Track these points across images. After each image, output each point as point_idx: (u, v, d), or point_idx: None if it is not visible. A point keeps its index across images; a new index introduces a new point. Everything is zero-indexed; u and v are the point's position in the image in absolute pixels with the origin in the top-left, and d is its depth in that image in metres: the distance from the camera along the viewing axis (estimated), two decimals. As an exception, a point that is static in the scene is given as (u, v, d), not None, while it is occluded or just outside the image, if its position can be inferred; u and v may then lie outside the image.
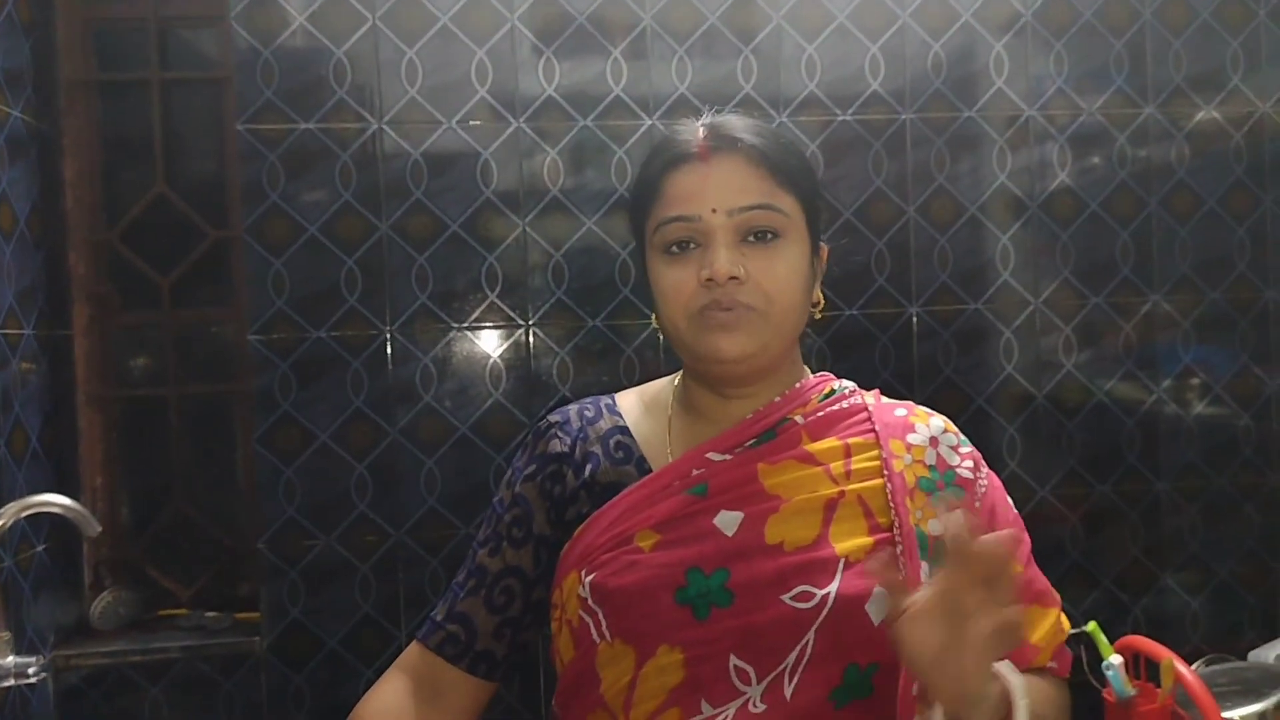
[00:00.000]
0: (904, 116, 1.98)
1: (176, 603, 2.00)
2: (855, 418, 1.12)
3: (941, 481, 1.08)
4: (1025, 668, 1.06)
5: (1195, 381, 2.09)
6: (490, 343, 1.90)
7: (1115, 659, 1.65)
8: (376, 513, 1.86)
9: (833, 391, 1.16)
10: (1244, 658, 1.93)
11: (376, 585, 1.86)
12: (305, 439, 1.85)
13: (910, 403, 1.18)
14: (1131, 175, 2.04)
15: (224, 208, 2.01)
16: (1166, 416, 2.07)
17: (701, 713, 0.98)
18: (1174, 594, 2.07)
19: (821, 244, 1.14)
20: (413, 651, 1.18)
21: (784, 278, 1.04)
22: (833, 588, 0.99)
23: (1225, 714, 1.56)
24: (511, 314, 1.90)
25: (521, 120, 1.89)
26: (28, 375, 1.79)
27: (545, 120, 1.89)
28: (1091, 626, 1.72)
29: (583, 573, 1.05)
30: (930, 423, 1.14)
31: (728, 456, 1.08)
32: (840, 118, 1.96)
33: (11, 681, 1.51)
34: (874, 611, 0.99)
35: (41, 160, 1.88)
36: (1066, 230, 2.03)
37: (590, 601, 1.04)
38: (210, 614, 1.94)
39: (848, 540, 1.02)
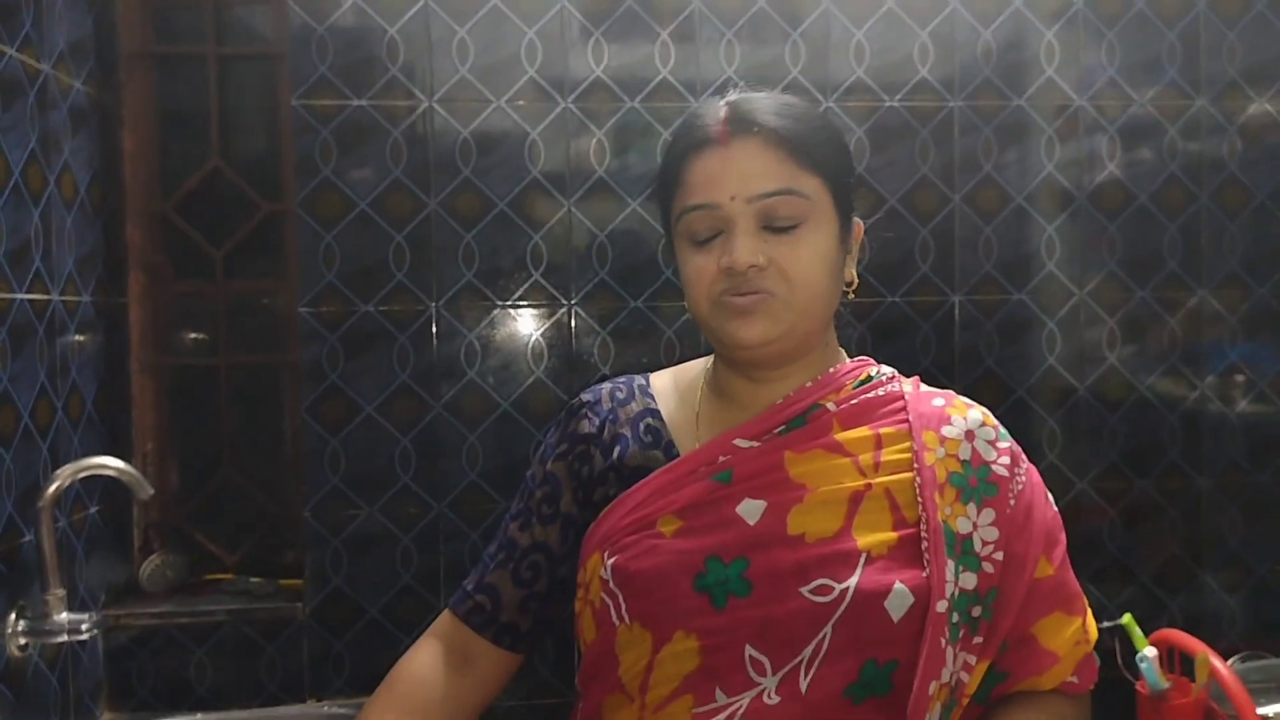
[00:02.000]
0: (952, 104, 1.97)
1: (222, 567, 2.05)
2: (890, 406, 1.09)
3: (975, 478, 1.05)
4: (1041, 676, 1.04)
5: (1240, 379, 2.07)
6: (533, 321, 1.92)
7: (1150, 651, 1.65)
8: (419, 485, 1.90)
9: (869, 378, 1.13)
10: (1281, 656, 1.92)
11: (417, 556, 1.89)
12: (351, 410, 1.88)
13: (950, 393, 1.14)
14: (1182, 168, 2.02)
15: (276, 182, 2.05)
16: (1210, 413, 2.05)
17: (715, 701, 0.97)
18: (1212, 591, 2.06)
19: (856, 221, 1.12)
20: (444, 618, 1.20)
21: (807, 262, 1.03)
22: (852, 582, 0.97)
23: (1260, 710, 1.55)
24: (555, 293, 1.92)
25: (569, 101, 1.91)
26: (85, 342, 1.83)
27: (593, 101, 1.91)
28: (1126, 619, 1.72)
29: (605, 554, 1.05)
30: (968, 415, 1.10)
31: (755, 443, 1.07)
32: (888, 104, 1.96)
33: (65, 637, 1.57)
34: (893, 608, 0.97)
35: (101, 131, 1.92)
36: (1114, 222, 2.01)
37: (611, 584, 1.04)
38: (254, 579, 1.99)
39: (871, 534, 1.00)
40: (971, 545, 1.01)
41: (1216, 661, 1.58)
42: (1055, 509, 1.11)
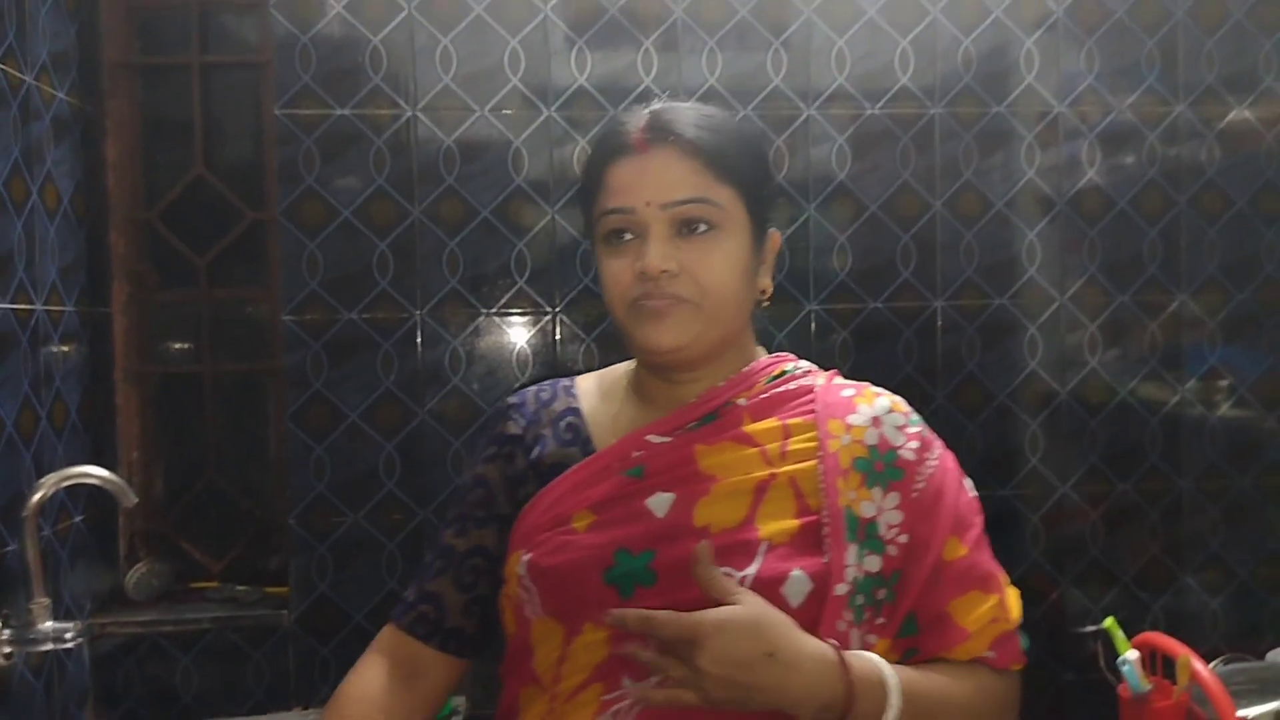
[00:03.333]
0: (933, 111, 1.99)
1: (208, 575, 2.05)
2: (801, 399, 1.11)
3: (881, 463, 1.06)
4: (951, 650, 1.05)
5: (1221, 382, 2.08)
6: (518, 328, 1.93)
7: (1131, 654, 1.66)
8: (404, 491, 1.90)
9: (784, 373, 1.15)
10: (1262, 658, 1.94)
11: (403, 562, 1.90)
12: (336, 418, 1.89)
13: (865, 384, 1.15)
14: (1161, 174, 2.04)
15: (260, 190, 2.06)
16: (1190, 417, 2.07)
17: (623, 688, 0.99)
18: (1193, 593, 2.07)
19: (773, 231, 1.14)
20: (386, 633, 1.19)
21: (719, 270, 1.05)
22: (751, 570, 0.99)
23: (1240, 712, 1.56)
24: (539, 300, 1.93)
25: (553, 109, 1.91)
26: (69, 351, 1.84)
27: (576, 110, 1.92)
28: (1109, 622, 1.73)
29: (523, 551, 1.08)
30: (876, 402, 1.11)
31: (668, 439, 1.09)
32: (869, 111, 1.97)
33: (50, 646, 1.57)
34: (791, 594, 0.99)
35: (85, 141, 1.92)
36: (1094, 227, 2.03)
37: (526, 579, 1.06)
38: (240, 587, 1.99)
39: (773, 523, 1.02)
40: (876, 529, 1.03)
41: (1198, 664, 1.59)
42: (972, 494, 1.11)
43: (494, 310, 1.92)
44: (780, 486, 1.04)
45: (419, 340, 1.90)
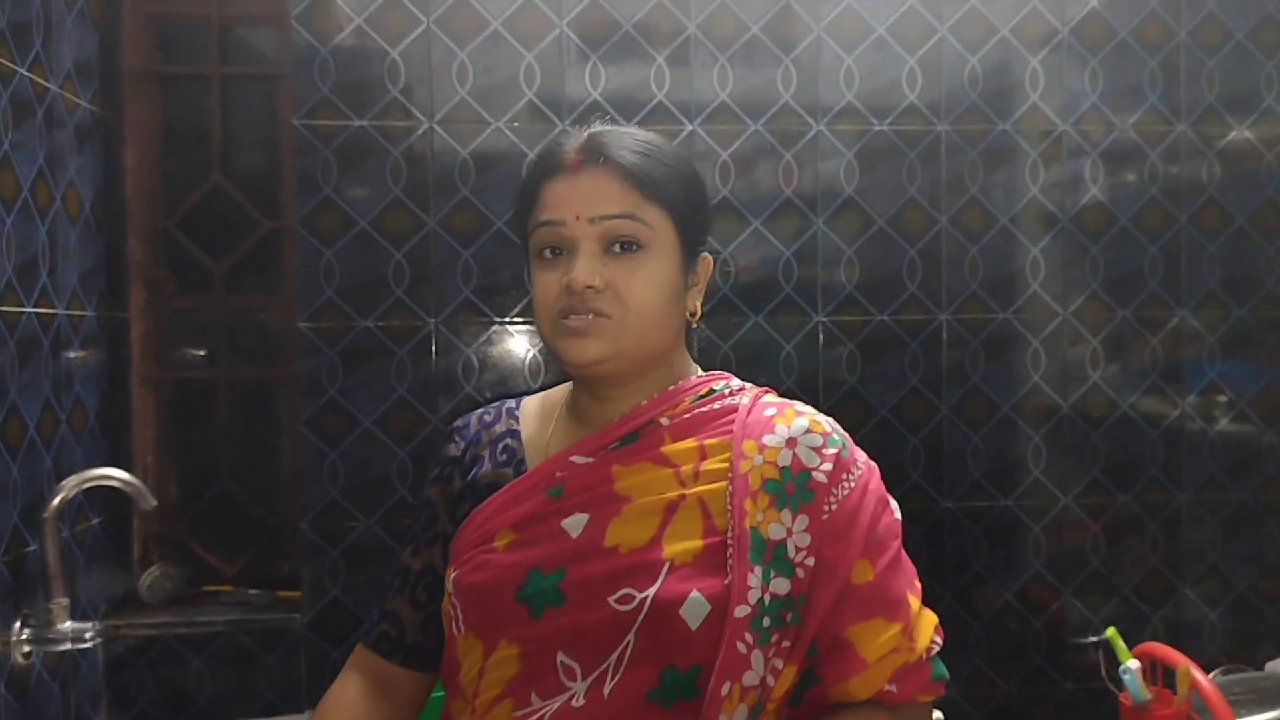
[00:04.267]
0: (939, 128, 2.02)
1: (220, 579, 2.07)
2: (723, 419, 1.11)
3: (793, 484, 1.05)
4: (849, 681, 1.02)
5: (1220, 397, 2.12)
6: (529, 337, 1.96)
7: (1133, 664, 1.70)
8: (416, 498, 1.92)
9: (711, 391, 1.15)
10: (1261, 669, 1.97)
11: (413, 568, 1.92)
12: (349, 424, 1.91)
13: (793, 403, 1.14)
14: (1162, 191, 2.08)
15: (276, 199, 2.09)
16: (1190, 430, 2.10)
17: (531, 704, 1.01)
18: (1193, 605, 2.10)
19: (705, 255, 1.15)
20: (357, 651, 1.24)
21: (643, 288, 1.06)
22: (651, 591, 1.00)
23: (1238, 720, 1.59)
24: (551, 310, 1.95)
25: (566, 123, 1.95)
26: (87, 356, 1.86)
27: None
28: (1110, 632, 1.77)
29: (452, 569, 1.11)
30: (794, 423, 1.09)
31: (590, 459, 1.10)
32: (876, 127, 2.01)
33: (68, 645, 1.59)
34: (690, 616, 0.99)
35: (105, 149, 1.95)
36: (1097, 244, 2.07)
37: (453, 595, 1.09)
38: (253, 591, 2.01)
39: (679, 543, 1.03)
40: (784, 551, 1.02)
41: (1198, 674, 1.62)
42: (895, 517, 1.09)
43: (506, 319, 1.95)
44: (689, 507, 1.05)
45: (433, 348, 1.93)
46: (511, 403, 1.24)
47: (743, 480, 1.05)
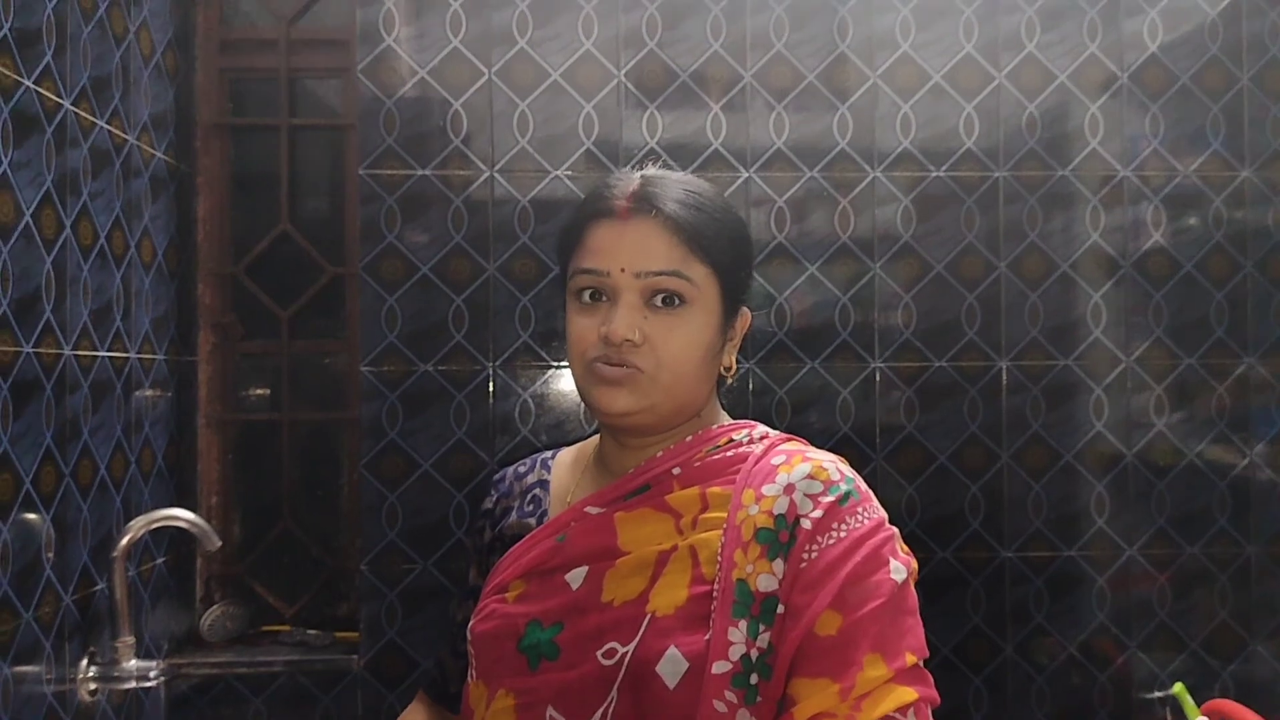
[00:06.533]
0: (997, 174, 2.02)
1: (280, 619, 2.10)
2: (731, 468, 1.08)
3: (786, 533, 1.00)
4: None
5: (1290, 446, 2.07)
6: (586, 382, 1.98)
7: (1201, 720, 1.65)
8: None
9: (730, 441, 1.12)
10: (1337, 729, 1.90)
11: (469, 611, 1.93)
12: (409, 466, 1.94)
13: (811, 449, 1.10)
14: (1227, 237, 2.05)
15: (341, 246, 2.14)
16: (1259, 481, 2.05)
17: None
18: (1264, 661, 2.04)
19: (744, 311, 1.14)
20: (420, 692, 1.31)
21: (680, 345, 1.05)
22: (631, 646, 0.99)
23: (1314, 782, 1.54)
24: (608, 355, 1.97)
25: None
26: (157, 398, 1.91)
27: (647, 171, 1.97)
28: (1178, 688, 1.72)
29: (473, 618, 1.13)
30: (796, 469, 1.04)
31: (602, 510, 1.10)
32: (934, 174, 2.01)
33: (133, 684, 1.63)
34: (667, 674, 0.96)
35: (178, 197, 2.02)
36: (1160, 290, 2.04)
37: (469, 644, 1.11)
38: (311, 631, 2.04)
39: (667, 594, 1.01)
40: (774, 604, 0.98)
41: (1269, 732, 1.58)
42: (891, 578, 0.99)
43: (563, 363, 1.97)
44: (681, 558, 1.03)
45: (490, 391, 1.96)
46: (548, 454, 1.25)
47: (735, 531, 1.02)
